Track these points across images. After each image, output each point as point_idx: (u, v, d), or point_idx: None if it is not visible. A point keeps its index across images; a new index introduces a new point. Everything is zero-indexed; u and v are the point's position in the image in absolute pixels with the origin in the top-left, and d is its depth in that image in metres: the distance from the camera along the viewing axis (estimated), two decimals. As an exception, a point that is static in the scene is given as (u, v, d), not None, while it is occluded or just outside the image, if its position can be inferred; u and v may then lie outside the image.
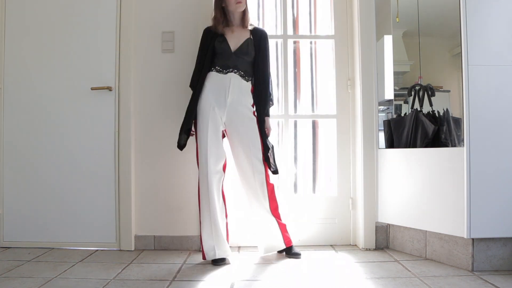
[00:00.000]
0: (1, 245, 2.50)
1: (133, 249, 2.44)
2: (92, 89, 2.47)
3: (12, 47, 2.53)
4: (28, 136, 2.51)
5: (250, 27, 2.24)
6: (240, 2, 2.16)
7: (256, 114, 2.21)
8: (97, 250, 2.43)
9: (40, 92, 2.51)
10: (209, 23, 2.29)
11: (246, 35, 2.22)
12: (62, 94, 2.50)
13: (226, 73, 2.16)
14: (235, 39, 2.20)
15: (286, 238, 2.23)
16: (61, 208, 2.48)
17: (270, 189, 2.19)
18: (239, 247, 2.46)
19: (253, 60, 2.23)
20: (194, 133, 2.21)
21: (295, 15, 2.69)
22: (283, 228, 2.22)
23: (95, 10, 2.50)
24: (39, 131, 2.51)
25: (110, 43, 2.48)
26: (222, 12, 2.20)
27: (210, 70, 2.19)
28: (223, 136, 2.23)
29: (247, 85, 2.22)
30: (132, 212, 2.44)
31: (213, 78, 2.17)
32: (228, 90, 2.15)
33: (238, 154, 2.19)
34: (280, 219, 2.22)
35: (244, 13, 2.22)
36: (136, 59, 2.49)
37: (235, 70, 2.17)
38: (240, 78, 2.18)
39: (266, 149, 2.17)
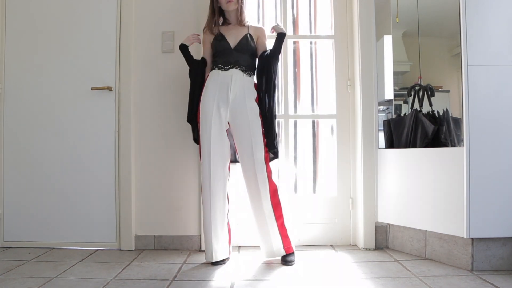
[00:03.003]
0: (2, 245, 2.51)
1: (133, 249, 2.45)
2: (92, 89, 2.47)
3: (12, 47, 2.53)
4: (28, 136, 2.51)
5: (246, 23, 2.24)
6: (231, 1, 2.17)
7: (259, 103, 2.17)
8: (97, 250, 2.44)
9: (40, 92, 2.51)
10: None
11: (244, 31, 2.22)
12: (62, 94, 2.50)
13: (227, 69, 2.15)
14: (234, 36, 2.20)
15: (286, 244, 2.14)
16: (62, 208, 2.49)
17: (273, 189, 2.11)
18: (239, 247, 2.47)
19: (254, 54, 2.23)
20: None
21: (295, 15, 2.69)
22: (283, 233, 2.14)
23: (95, 10, 2.50)
24: (39, 131, 2.51)
25: (110, 43, 2.48)
26: (217, 11, 2.24)
27: (212, 68, 2.20)
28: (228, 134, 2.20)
29: (250, 80, 2.20)
30: (132, 212, 2.44)
31: (215, 76, 2.16)
32: (230, 86, 2.13)
33: (241, 151, 2.14)
34: (281, 223, 2.13)
35: (239, 11, 2.22)
36: (136, 59, 2.49)
37: (237, 66, 2.16)
38: (242, 73, 2.16)
39: (269, 139, 2.14)
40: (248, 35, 2.20)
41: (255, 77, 2.23)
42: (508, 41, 1.96)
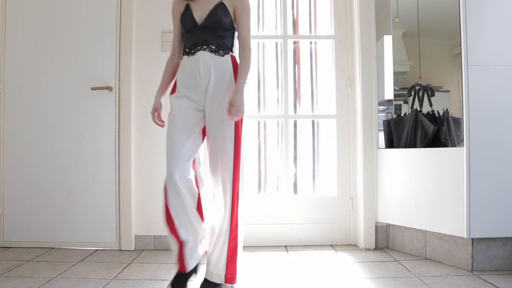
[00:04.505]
0: (2, 245, 2.51)
1: (133, 249, 2.44)
2: (92, 89, 2.47)
3: (12, 47, 2.53)
4: (28, 136, 2.51)
5: None
6: None
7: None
8: (97, 250, 2.44)
9: (40, 92, 2.51)
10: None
11: (216, 0, 1.71)
12: (62, 94, 2.50)
13: (194, 53, 1.71)
14: (202, 8, 1.71)
15: (230, 272, 1.71)
16: (61, 208, 2.49)
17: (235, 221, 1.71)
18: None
19: (230, 28, 1.74)
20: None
21: (295, 15, 2.69)
22: (232, 255, 1.71)
23: (95, 10, 2.50)
24: (39, 131, 2.51)
25: (110, 43, 2.48)
26: None
27: (183, 54, 1.79)
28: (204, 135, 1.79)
29: (224, 60, 1.71)
30: (132, 212, 2.44)
31: (183, 63, 1.76)
32: (199, 73, 1.69)
33: (210, 156, 1.75)
34: (234, 246, 1.72)
35: None
36: (136, 59, 2.49)
37: (205, 47, 1.69)
38: (211, 54, 1.69)
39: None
40: (219, 6, 1.70)
41: (231, 53, 1.76)
42: (508, 41, 1.96)
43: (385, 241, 2.42)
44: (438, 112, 2.27)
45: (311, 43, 2.69)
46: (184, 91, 1.73)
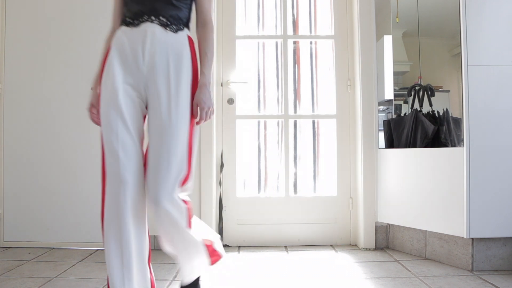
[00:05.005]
0: (2, 245, 2.50)
1: (133, 249, 2.44)
2: (92, 89, 2.46)
3: (12, 47, 2.53)
4: (28, 136, 2.51)
5: None
6: None
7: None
8: (97, 250, 2.44)
9: (40, 92, 2.51)
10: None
11: None
12: (62, 94, 2.50)
13: (138, 24, 1.37)
14: None
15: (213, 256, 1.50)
16: (61, 208, 2.48)
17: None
18: (239, 247, 2.47)
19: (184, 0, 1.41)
20: None
21: (295, 15, 2.69)
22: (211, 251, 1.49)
23: (95, 10, 2.49)
24: (39, 131, 2.51)
25: (110, 43, 2.48)
26: None
27: (120, 24, 1.44)
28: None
29: (179, 39, 1.38)
30: (132, 212, 2.44)
31: (121, 36, 1.39)
32: (144, 50, 1.34)
33: (149, 148, 1.38)
34: (208, 243, 1.50)
35: None
36: (136, 59, 2.49)
37: (153, 17, 1.36)
38: (161, 28, 1.36)
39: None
40: None
41: (187, 32, 1.44)
42: (508, 41, 1.96)
43: (385, 241, 2.42)
44: (438, 112, 2.27)
45: (311, 43, 2.68)
46: (121, 75, 1.37)
